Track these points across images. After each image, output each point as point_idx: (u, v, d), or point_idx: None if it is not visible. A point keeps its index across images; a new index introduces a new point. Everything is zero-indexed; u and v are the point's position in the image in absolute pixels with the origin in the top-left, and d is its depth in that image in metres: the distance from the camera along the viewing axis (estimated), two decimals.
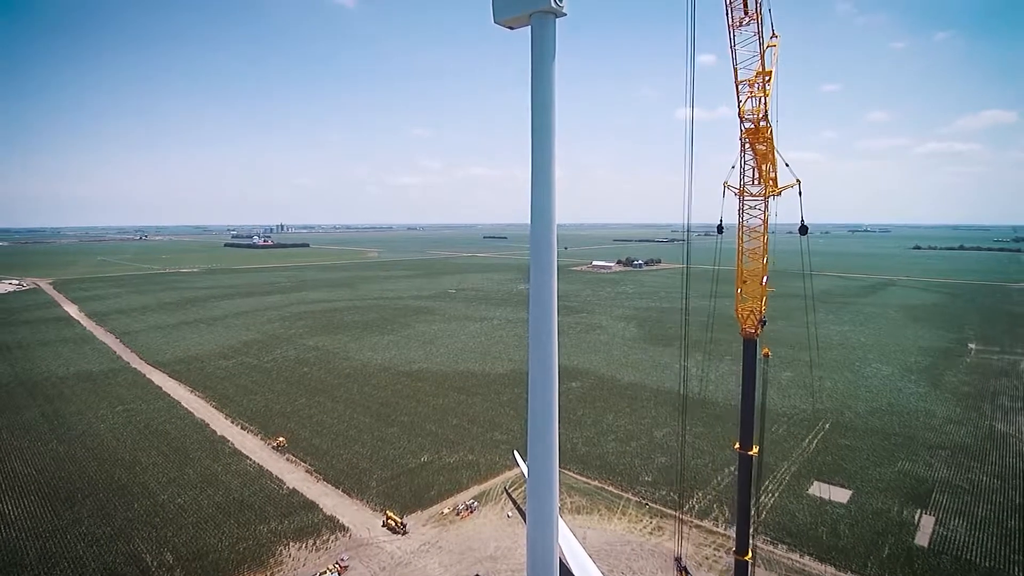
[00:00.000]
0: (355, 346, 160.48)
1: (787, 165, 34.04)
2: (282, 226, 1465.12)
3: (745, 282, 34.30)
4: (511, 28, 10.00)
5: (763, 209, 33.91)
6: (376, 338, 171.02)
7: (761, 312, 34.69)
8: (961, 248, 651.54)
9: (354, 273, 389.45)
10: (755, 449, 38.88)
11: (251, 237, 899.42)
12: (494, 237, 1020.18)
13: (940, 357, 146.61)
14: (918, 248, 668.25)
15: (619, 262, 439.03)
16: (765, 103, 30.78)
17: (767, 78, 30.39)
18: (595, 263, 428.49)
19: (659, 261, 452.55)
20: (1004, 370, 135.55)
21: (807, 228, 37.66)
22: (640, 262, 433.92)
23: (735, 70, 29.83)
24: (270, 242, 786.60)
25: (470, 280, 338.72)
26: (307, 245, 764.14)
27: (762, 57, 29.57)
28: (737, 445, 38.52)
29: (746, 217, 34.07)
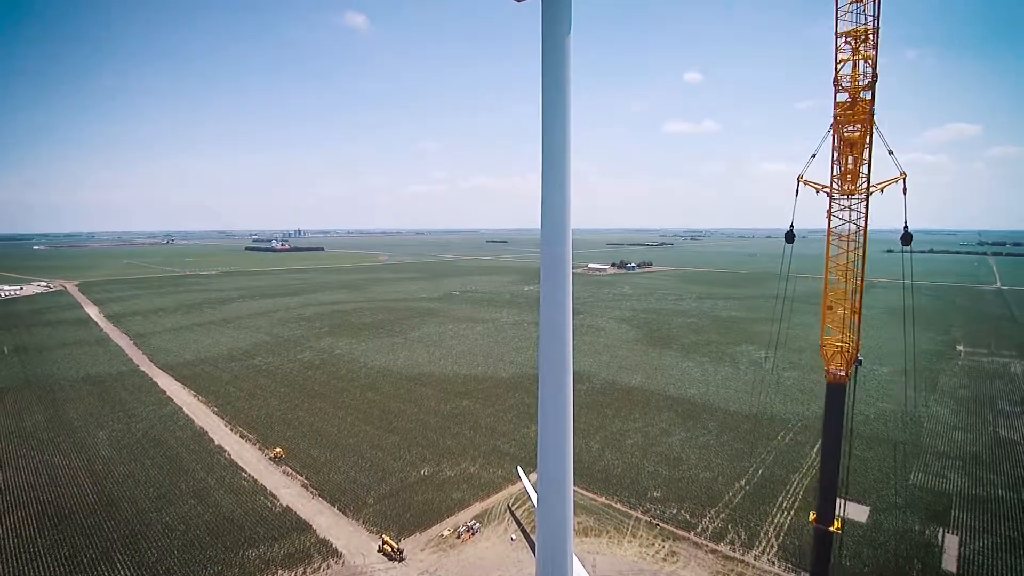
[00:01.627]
0: (361, 349, 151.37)
1: (891, 153, 24.33)
2: (299, 231, 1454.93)
3: (831, 308, 24.68)
4: (518, 0, 7.79)
5: (863, 211, 24.71)
6: (382, 340, 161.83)
7: (855, 348, 25.03)
8: (931, 252, 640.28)
9: (364, 275, 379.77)
10: (837, 524, 28.95)
11: (270, 241, 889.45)
12: (496, 241, 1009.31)
13: (932, 359, 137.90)
14: (891, 252, 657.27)
15: (613, 265, 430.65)
16: (873, 66, 20.11)
17: (872, 36, 21.24)
18: (591, 266, 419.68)
19: (651, 264, 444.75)
20: (996, 372, 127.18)
21: (911, 235, 28.03)
22: (633, 265, 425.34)
23: (836, 18, 20.69)
24: (287, 246, 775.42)
25: (474, 282, 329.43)
26: (322, 249, 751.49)
27: (877, 5, 20.27)
28: (812, 517, 28.79)
29: (834, 221, 24.90)
